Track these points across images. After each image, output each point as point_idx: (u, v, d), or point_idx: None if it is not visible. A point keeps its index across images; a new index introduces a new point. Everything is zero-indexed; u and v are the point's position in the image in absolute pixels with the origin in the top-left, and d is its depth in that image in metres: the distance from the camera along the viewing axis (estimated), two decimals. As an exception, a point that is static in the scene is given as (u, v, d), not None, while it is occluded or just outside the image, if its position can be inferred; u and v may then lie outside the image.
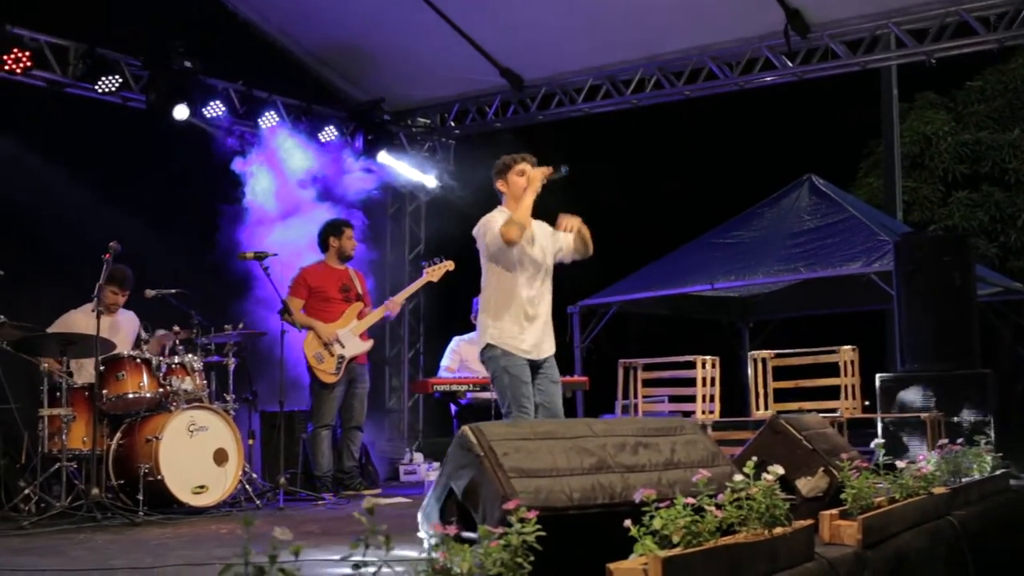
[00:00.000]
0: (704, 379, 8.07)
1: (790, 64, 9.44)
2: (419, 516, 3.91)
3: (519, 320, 5.62)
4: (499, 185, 5.77)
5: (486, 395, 7.89)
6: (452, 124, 11.63)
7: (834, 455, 4.95)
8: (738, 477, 3.77)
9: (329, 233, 8.03)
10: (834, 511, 4.45)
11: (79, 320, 7.26)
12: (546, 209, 5.83)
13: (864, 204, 11.71)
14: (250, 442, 7.54)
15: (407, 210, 12.04)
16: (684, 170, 11.06)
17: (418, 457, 9.62)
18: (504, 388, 5.55)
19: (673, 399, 8.67)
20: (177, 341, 7.05)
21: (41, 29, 8.41)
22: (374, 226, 11.53)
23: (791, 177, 11.08)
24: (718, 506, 3.64)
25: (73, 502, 6.26)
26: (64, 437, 6.48)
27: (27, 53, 8.07)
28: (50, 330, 7.07)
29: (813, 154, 11.04)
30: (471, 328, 8.38)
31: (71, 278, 7.32)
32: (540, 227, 5.78)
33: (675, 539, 3.25)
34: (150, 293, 7.43)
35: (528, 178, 5.62)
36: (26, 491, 6.42)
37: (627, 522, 3.21)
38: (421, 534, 3.91)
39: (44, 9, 8.47)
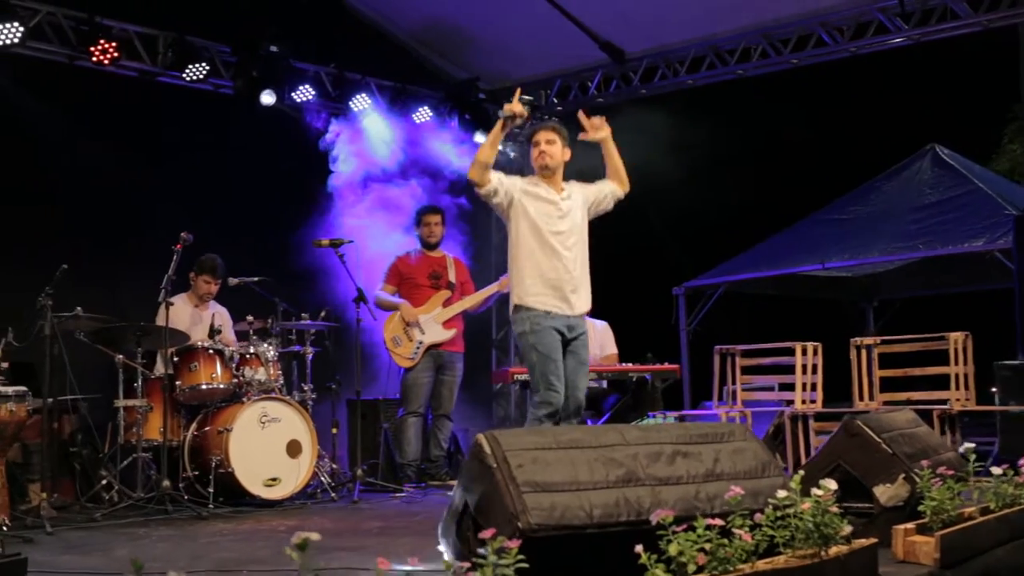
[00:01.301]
0: (805, 366, 7.58)
1: (905, 26, 8.78)
2: (439, 529, 3.67)
3: (547, 280, 5.41)
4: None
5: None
6: (555, 101, 11.32)
7: (922, 458, 4.48)
8: (782, 493, 3.41)
9: (415, 221, 7.91)
10: (910, 525, 4.03)
11: (175, 311, 7.26)
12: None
13: (994, 175, 10.86)
14: (334, 431, 7.42)
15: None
16: (795, 144, 10.48)
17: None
18: (532, 364, 5.37)
19: (773, 388, 8.19)
20: (252, 331, 6.98)
21: (131, 19, 8.45)
22: (481, 208, 11.34)
23: (915, 148, 10.37)
24: (755, 526, 3.29)
25: (149, 493, 6.27)
26: (140, 428, 6.50)
27: (113, 44, 8.10)
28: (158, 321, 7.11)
29: (943, 123, 10.32)
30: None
31: (154, 269, 7.33)
32: (574, 188, 5.60)
33: (691, 569, 2.91)
34: (233, 282, 7.41)
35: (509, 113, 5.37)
36: (103, 481, 6.45)
37: (638, 547, 2.90)
38: (441, 547, 3.66)
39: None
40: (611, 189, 5.67)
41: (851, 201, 10.22)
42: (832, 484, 3.47)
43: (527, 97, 5.39)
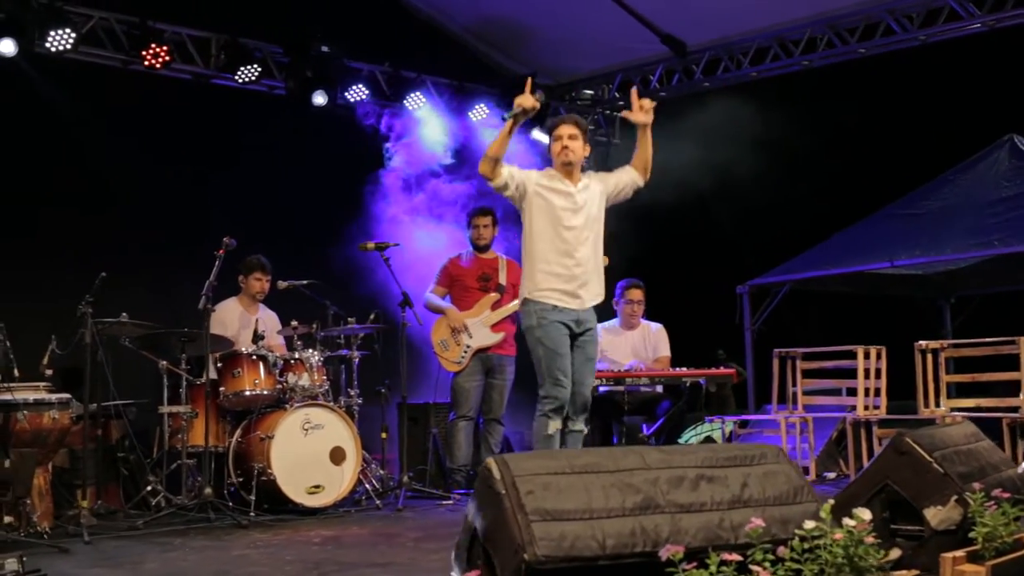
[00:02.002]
0: (868, 370, 7.27)
1: (979, 12, 8.38)
2: (451, 556, 3.52)
3: (557, 275, 5.28)
4: None
5: (620, 388, 7.40)
6: (616, 95, 11.10)
7: (980, 478, 4.21)
8: (809, 523, 3.19)
9: (466, 223, 7.78)
10: (960, 553, 3.76)
11: (226, 314, 7.26)
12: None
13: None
14: (383, 436, 7.33)
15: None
16: (865, 136, 10.07)
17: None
18: (539, 359, 5.28)
19: (836, 392, 7.89)
20: (296, 336, 6.91)
21: (184, 23, 8.46)
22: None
23: (992, 139, 9.89)
24: (777, 560, 3.08)
25: (194, 499, 6.25)
26: (185, 434, 6.48)
27: (165, 48, 8.12)
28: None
29: (1022, 112, 9.84)
30: (612, 315, 7.91)
31: (206, 273, 7.33)
32: (593, 178, 5.47)
33: (700, 611, 2.72)
34: (283, 285, 7.35)
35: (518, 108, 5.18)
36: (148, 488, 6.45)
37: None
38: (453, 575, 3.51)
39: (187, 2, 8.53)
40: (631, 179, 5.51)
41: (923, 195, 9.79)
42: (867, 514, 3.25)
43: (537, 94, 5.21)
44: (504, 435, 8.16)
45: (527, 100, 5.13)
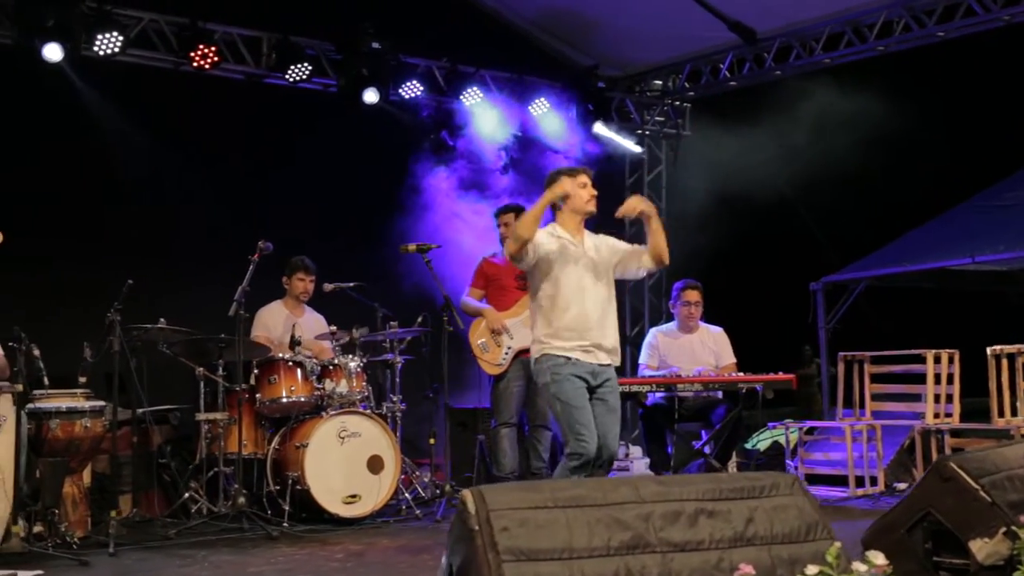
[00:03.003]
0: (939, 375, 6.82)
1: (1068, -11, 7.82)
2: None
3: (569, 331, 5.04)
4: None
5: (673, 395, 7.08)
6: (686, 85, 10.74)
7: (1036, 506, 3.82)
8: (811, 570, 2.89)
9: (495, 222, 7.48)
10: (1002, 593, 3.41)
11: (270, 317, 7.18)
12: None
13: None
14: (431, 442, 7.13)
15: (645, 179, 11.32)
16: (945, 125, 9.54)
17: (635, 451, 8.94)
18: (558, 415, 5.06)
19: (908, 397, 7.43)
20: (334, 342, 6.77)
21: (234, 22, 8.39)
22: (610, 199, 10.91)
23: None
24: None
25: (232, 507, 6.15)
26: (222, 441, 6.40)
27: (213, 48, 8.05)
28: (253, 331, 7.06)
29: None
30: (669, 318, 7.58)
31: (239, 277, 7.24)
32: (602, 240, 5.28)
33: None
34: (328, 287, 7.23)
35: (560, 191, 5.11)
36: (186, 495, 6.38)
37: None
38: (436, 611, 3.29)
39: (238, 2, 8.46)
40: (639, 263, 5.29)
41: (1010, 186, 9.22)
42: (879, 558, 2.92)
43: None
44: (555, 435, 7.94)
45: (566, 185, 5.09)
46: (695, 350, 7.45)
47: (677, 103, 11.04)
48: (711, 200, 9.91)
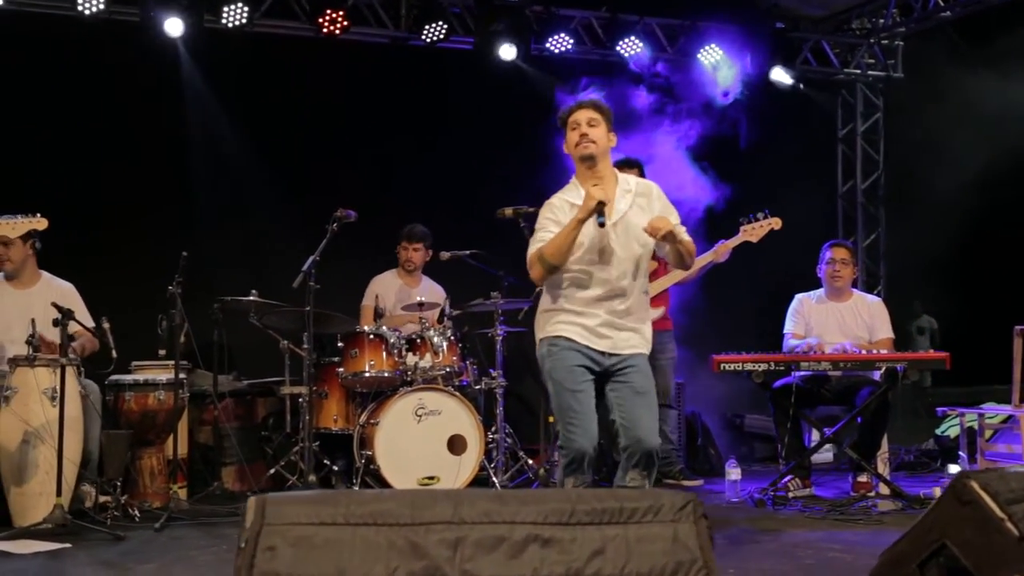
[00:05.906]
0: None
1: None
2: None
3: (576, 316, 4.21)
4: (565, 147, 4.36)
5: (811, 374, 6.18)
6: (898, 20, 9.49)
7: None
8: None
9: None
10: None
11: (380, 287, 6.99)
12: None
13: None
14: (551, 420, 6.61)
15: (858, 130, 10.22)
16: None
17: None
18: (550, 398, 4.27)
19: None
20: (421, 315, 6.42)
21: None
22: (813, 155, 9.95)
23: None
24: None
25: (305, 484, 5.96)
26: (307, 416, 6.22)
27: (341, 13, 7.87)
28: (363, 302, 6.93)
29: None
30: (817, 284, 6.64)
31: (359, 247, 7.03)
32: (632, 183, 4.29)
33: None
34: (445, 255, 6.88)
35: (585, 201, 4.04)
36: (271, 471, 6.28)
37: None
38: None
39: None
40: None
41: None
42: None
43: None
44: (695, 413, 7.26)
45: (598, 191, 4.03)
46: (844, 321, 6.44)
47: (885, 42, 9.79)
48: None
